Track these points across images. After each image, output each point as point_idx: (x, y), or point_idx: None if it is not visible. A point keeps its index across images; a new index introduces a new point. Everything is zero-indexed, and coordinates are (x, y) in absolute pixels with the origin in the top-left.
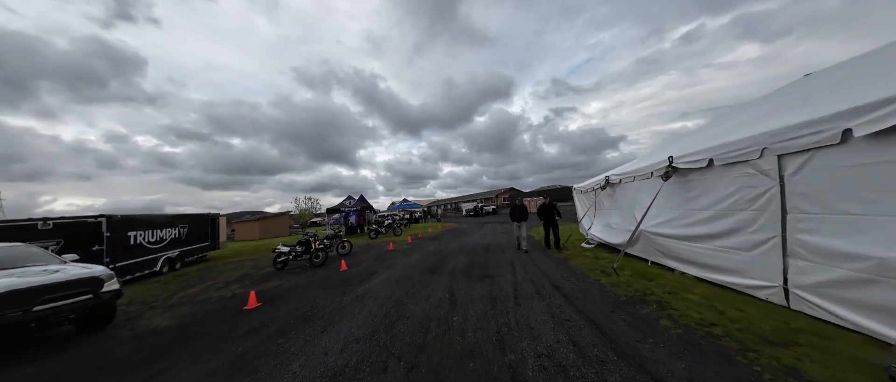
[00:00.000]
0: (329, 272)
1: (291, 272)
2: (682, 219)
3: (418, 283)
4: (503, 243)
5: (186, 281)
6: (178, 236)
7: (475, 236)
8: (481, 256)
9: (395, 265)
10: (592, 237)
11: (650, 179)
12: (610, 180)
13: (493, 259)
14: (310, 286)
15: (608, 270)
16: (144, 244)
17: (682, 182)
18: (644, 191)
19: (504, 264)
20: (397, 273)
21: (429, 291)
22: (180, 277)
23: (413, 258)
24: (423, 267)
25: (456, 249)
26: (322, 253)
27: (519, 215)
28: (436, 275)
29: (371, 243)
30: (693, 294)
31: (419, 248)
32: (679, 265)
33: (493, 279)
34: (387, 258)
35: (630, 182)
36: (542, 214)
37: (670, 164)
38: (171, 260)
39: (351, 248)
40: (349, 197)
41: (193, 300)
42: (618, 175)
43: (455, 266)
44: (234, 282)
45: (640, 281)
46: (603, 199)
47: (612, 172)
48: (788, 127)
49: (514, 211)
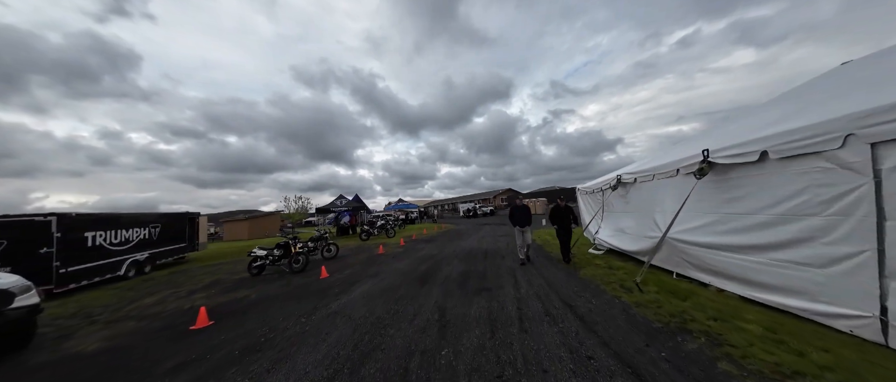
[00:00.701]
0: (308, 280)
1: (266, 278)
2: (719, 225)
3: (404, 297)
4: (502, 247)
5: (149, 288)
6: (147, 237)
7: (472, 240)
8: (479, 262)
9: (382, 272)
10: (601, 243)
11: (675, 177)
12: (622, 180)
13: (491, 267)
14: (279, 298)
15: (628, 283)
16: (105, 245)
17: (719, 180)
18: (667, 191)
19: (504, 273)
20: (382, 283)
21: (415, 308)
22: (146, 282)
23: (403, 265)
24: (412, 276)
25: (451, 254)
26: (302, 258)
27: (521, 218)
28: (426, 286)
29: (361, 245)
30: (748, 323)
31: (411, 252)
32: (715, 280)
33: (491, 292)
34: (375, 263)
35: (648, 181)
36: (556, 219)
37: (705, 159)
38: (139, 263)
39: (337, 251)
40: (340, 196)
41: (143, 314)
42: (632, 174)
43: (449, 275)
44: (201, 290)
45: (671, 300)
46: (613, 200)
47: (624, 169)
48: (890, 105)
49: (515, 213)
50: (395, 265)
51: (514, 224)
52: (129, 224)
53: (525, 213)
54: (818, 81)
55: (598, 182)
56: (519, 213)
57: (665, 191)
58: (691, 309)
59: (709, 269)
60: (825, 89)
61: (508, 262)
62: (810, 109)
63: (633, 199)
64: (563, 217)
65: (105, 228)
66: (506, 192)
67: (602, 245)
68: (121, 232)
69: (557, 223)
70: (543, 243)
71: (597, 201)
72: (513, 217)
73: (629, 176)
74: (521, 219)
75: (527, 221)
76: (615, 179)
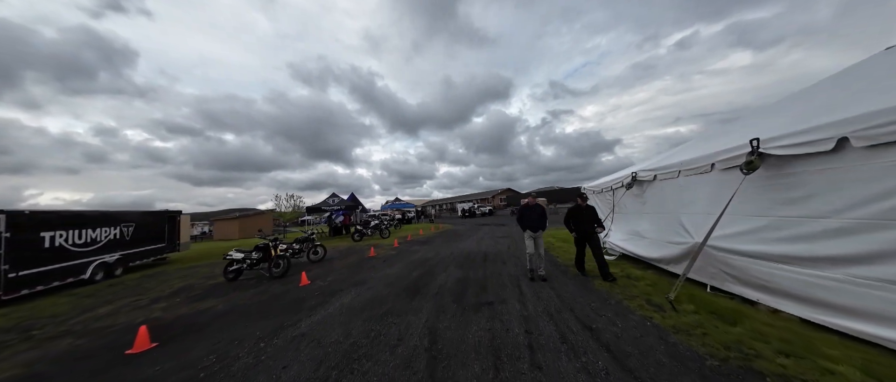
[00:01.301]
0: (285, 287)
1: (242, 284)
2: (772, 231)
3: (390, 313)
4: (503, 250)
5: (113, 294)
6: (119, 236)
7: (470, 241)
8: (478, 268)
9: (370, 279)
10: (612, 247)
11: (710, 173)
12: (638, 177)
13: (492, 274)
14: (245, 312)
15: (656, 298)
16: (67, 246)
17: (772, 177)
18: (698, 190)
19: (507, 282)
20: (367, 294)
21: (401, 330)
22: (112, 287)
23: (394, 270)
24: (402, 284)
25: (447, 257)
26: (283, 261)
27: (532, 220)
28: (417, 299)
29: (353, 246)
30: (834, 362)
31: (404, 255)
32: (767, 298)
33: (493, 308)
34: (363, 267)
35: (672, 178)
36: (575, 221)
37: (755, 150)
38: (108, 265)
39: (324, 254)
40: (333, 195)
41: (87, 329)
42: (650, 170)
43: (444, 285)
44: (165, 298)
45: (717, 324)
46: (626, 201)
47: (640, 166)
48: None
49: (525, 215)
50: (384, 271)
51: (523, 228)
52: (96, 223)
53: (538, 214)
54: (866, 65)
55: (607, 180)
56: (530, 214)
57: (695, 190)
58: (748, 338)
59: (757, 284)
60: (883, 73)
61: (510, 268)
62: (888, 91)
63: (652, 199)
64: (586, 221)
65: (66, 227)
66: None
67: (613, 250)
68: (86, 232)
69: (578, 229)
70: (548, 246)
71: (606, 201)
72: (522, 220)
73: (647, 173)
74: (532, 221)
75: (540, 224)
76: (629, 176)
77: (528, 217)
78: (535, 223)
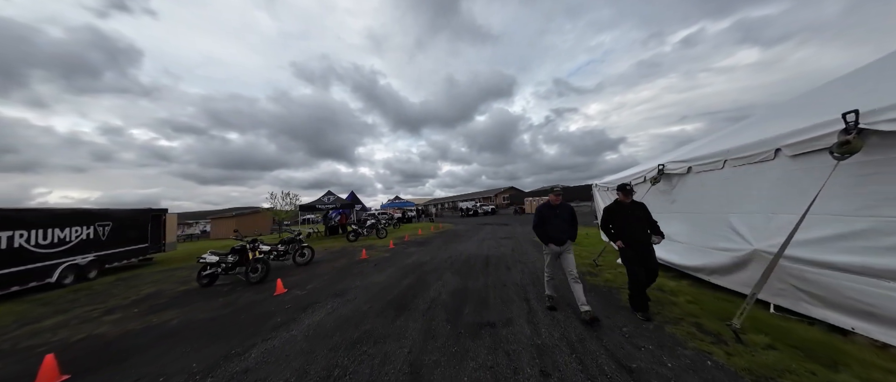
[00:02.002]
0: (257, 297)
1: (213, 292)
2: (876, 237)
3: (366, 338)
4: (506, 253)
5: (70, 302)
6: (93, 236)
7: (471, 243)
8: (478, 275)
9: (353, 288)
10: None
11: (772, 161)
12: (665, 170)
13: (495, 283)
14: (198, 331)
15: (707, 322)
16: (29, 247)
17: (878, 163)
18: (753, 183)
19: (512, 294)
20: (345, 309)
21: (375, 365)
22: (78, 292)
23: (383, 277)
24: (389, 296)
25: (444, 261)
26: (261, 266)
27: (559, 227)
28: (402, 317)
29: (346, 247)
30: None
31: (398, 258)
32: (871, 328)
33: (496, 331)
34: (349, 273)
35: (714, 170)
36: (619, 226)
37: (852, 127)
38: (79, 268)
39: (312, 256)
40: (328, 193)
41: (15, 348)
42: (683, 162)
43: (437, 297)
44: (124, 308)
45: (811, 367)
46: (649, 199)
47: (669, 157)
48: None
49: (547, 219)
50: (372, 278)
51: (543, 239)
52: (65, 222)
53: (567, 217)
54: None
55: (625, 175)
56: (554, 218)
57: (750, 183)
58: None
59: (853, 307)
60: None
61: (516, 275)
62: None
63: (684, 196)
64: (636, 226)
65: (28, 227)
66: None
67: None
68: (53, 232)
69: (625, 235)
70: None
71: None
72: (543, 226)
73: (678, 165)
74: (559, 229)
75: (570, 232)
76: (655, 169)
77: (552, 223)
78: (563, 232)
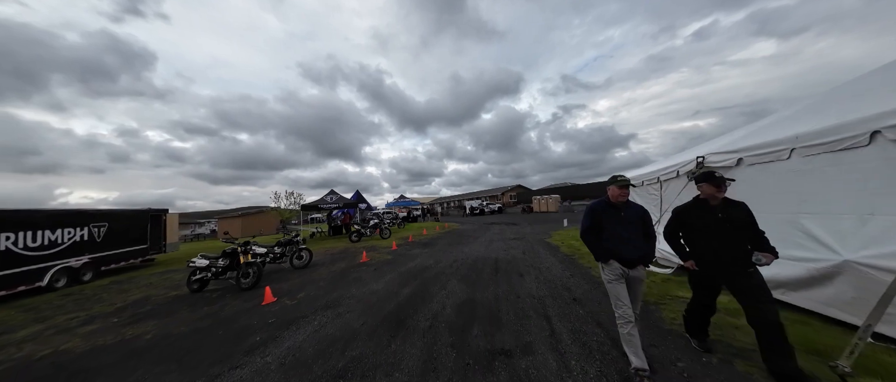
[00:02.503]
0: (243, 307)
1: (200, 299)
2: None
3: (353, 366)
4: (518, 256)
5: (55, 308)
6: (87, 238)
7: (479, 244)
8: (487, 284)
9: (347, 298)
10: (667, 258)
11: (868, 146)
12: (706, 163)
13: (507, 294)
14: (169, 348)
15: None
16: (17, 250)
17: None
18: (837, 177)
19: (529, 308)
20: (333, 326)
21: None
22: (67, 297)
23: (381, 284)
24: (385, 309)
25: (450, 266)
26: (253, 270)
27: (625, 237)
28: (399, 338)
29: (348, 248)
30: None
31: (400, 261)
32: None
33: (512, 362)
34: (346, 279)
35: (778, 161)
36: (694, 236)
37: None
38: (73, 270)
39: (310, 258)
40: (331, 192)
41: None
42: (732, 152)
43: (440, 311)
44: (105, 316)
45: None
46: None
47: (710, 147)
48: None
49: (602, 218)
50: (369, 286)
51: (603, 257)
52: (56, 224)
53: (637, 222)
54: None
55: (652, 171)
56: (617, 221)
57: (831, 177)
58: None
59: None
60: None
61: (530, 283)
62: None
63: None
64: (725, 236)
65: (15, 228)
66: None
67: (668, 262)
68: (43, 234)
69: (705, 252)
70: (572, 251)
71: (651, 198)
72: (597, 232)
73: (724, 156)
74: (622, 239)
75: (642, 248)
76: (693, 161)
77: (615, 231)
78: (635, 246)
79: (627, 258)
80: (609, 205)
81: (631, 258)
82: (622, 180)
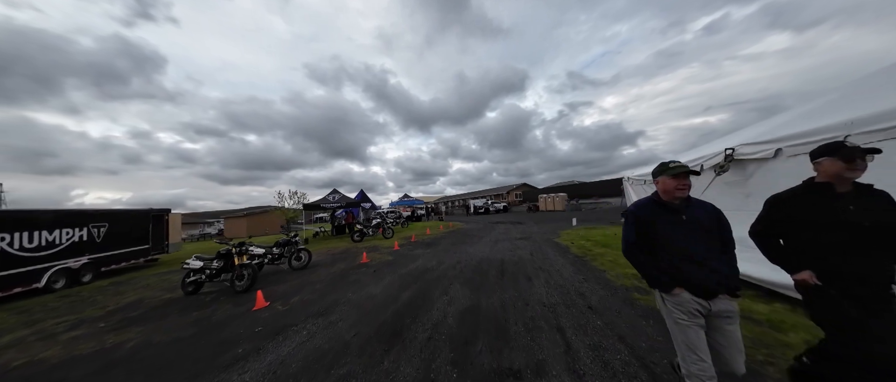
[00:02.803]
0: (233, 312)
1: (192, 302)
2: None
3: None
4: (524, 257)
5: (47, 311)
6: (86, 238)
7: (484, 244)
8: (493, 288)
9: (342, 303)
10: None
11: None
12: (734, 156)
13: (514, 300)
14: (148, 359)
15: None
16: (11, 251)
17: None
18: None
19: (540, 319)
20: (323, 336)
21: None
22: (62, 299)
23: (379, 288)
24: (381, 316)
25: (452, 268)
26: (248, 272)
27: (692, 252)
28: (394, 351)
29: (350, 248)
30: None
31: (401, 262)
32: None
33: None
34: (343, 281)
35: None
36: (819, 236)
37: None
38: (72, 271)
39: (309, 259)
40: (333, 191)
41: None
42: (768, 143)
43: (441, 321)
44: (93, 321)
45: None
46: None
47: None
48: None
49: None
50: (367, 290)
51: (662, 285)
52: (53, 224)
53: (705, 228)
54: None
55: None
56: (675, 226)
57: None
58: None
59: None
60: None
61: (540, 288)
62: None
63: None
64: (859, 242)
65: (10, 229)
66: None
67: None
68: (40, 234)
69: (824, 263)
70: (583, 252)
71: None
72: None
73: (758, 147)
74: (686, 256)
75: (720, 268)
76: (721, 154)
77: (674, 243)
78: (711, 265)
79: (700, 283)
80: (660, 206)
81: (706, 284)
82: (678, 167)
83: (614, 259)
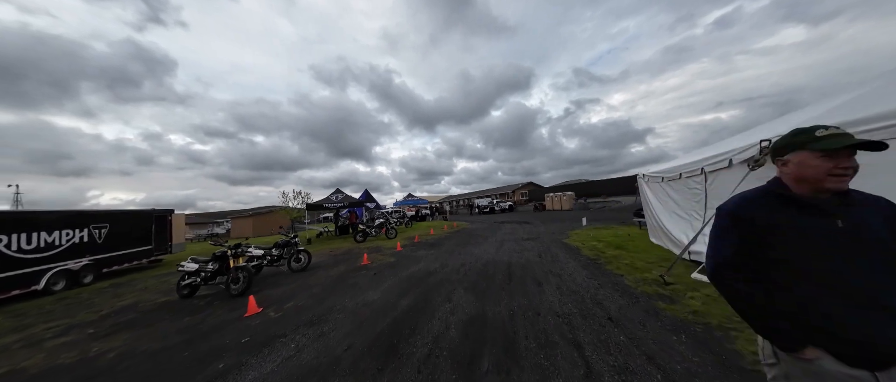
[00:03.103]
0: (228, 317)
1: (184, 307)
2: None
3: None
4: (532, 259)
5: (39, 315)
6: (87, 239)
7: (489, 245)
8: (500, 294)
9: (337, 310)
10: None
11: None
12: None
13: (523, 308)
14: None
15: None
16: (9, 252)
17: None
18: None
19: (552, 331)
20: (313, 349)
21: None
22: (59, 301)
23: (378, 293)
24: (378, 326)
25: (456, 271)
26: (243, 275)
27: (863, 287)
28: (389, 370)
29: (352, 249)
30: None
31: (403, 264)
32: None
33: None
34: (341, 285)
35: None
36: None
37: None
38: (72, 273)
39: (309, 261)
40: (336, 190)
41: None
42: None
43: (443, 332)
44: (87, 325)
45: None
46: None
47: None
48: None
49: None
50: (365, 295)
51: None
52: (53, 225)
53: (883, 235)
54: None
55: (693, 161)
56: (821, 237)
57: None
58: None
59: None
60: None
61: (551, 296)
62: None
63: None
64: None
65: (8, 231)
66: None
67: None
68: (39, 235)
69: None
70: (595, 254)
71: (691, 192)
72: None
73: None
74: (857, 292)
75: None
76: (757, 146)
77: (823, 266)
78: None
79: (863, 341)
80: (789, 202)
81: (877, 343)
82: (836, 136)
83: (631, 263)
